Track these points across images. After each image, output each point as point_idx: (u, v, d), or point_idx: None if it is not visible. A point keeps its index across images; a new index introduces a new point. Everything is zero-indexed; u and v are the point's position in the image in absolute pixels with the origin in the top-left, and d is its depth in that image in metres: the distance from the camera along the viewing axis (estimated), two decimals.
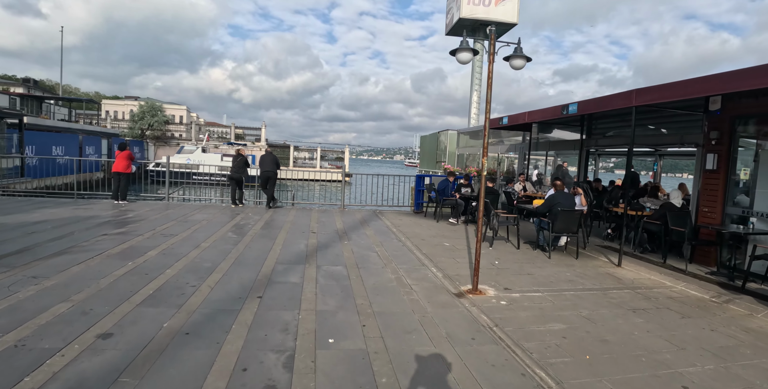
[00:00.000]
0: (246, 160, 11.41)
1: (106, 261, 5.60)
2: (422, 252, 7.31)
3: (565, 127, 12.12)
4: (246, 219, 9.44)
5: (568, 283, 6.03)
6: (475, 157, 19.46)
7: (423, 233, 9.14)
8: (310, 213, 11.10)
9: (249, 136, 59.67)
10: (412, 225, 10.09)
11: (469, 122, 24.51)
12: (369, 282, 5.39)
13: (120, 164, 10.77)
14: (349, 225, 9.54)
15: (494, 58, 5.20)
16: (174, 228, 8.02)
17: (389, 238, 8.36)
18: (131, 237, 7.00)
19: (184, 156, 41.74)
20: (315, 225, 9.24)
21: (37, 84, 56.86)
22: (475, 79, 24.19)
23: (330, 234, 8.44)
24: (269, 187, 11.30)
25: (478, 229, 5.50)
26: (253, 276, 5.27)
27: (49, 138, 30.23)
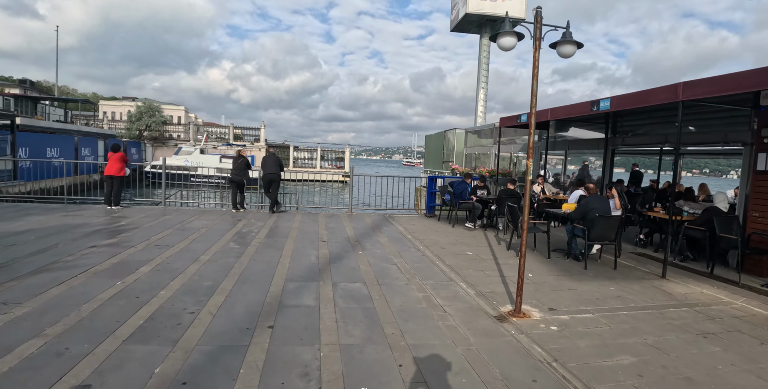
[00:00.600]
0: (247, 161, 10.69)
1: (91, 280, 4.87)
2: (445, 263, 6.60)
3: (588, 125, 11.41)
4: (249, 226, 8.71)
5: (617, 300, 5.32)
6: (484, 156, 18.76)
7: (441, 240, 8.42)
8: (316, 218, 10.37)
9: (248, 136, 58.79)
10: (427, 231, 9.37)
11: (476, 121, 23.81)
12: (395, 303, 4.67)
13: (113, 167, 10.04)
14: (360, 232, 8.82)
15: (540, 44, 4.48)
16: (170, 237, 7.28)
17: (406, 247, 7.64)
18: (122, 250, 6.27)
19: (181, 157, 40.96)
20: (324, 232, 8.52)
21: (34, 85, 56.09)
22: (481, 76, 23.49)
23: (341, 242, 7.72)
24: (272, 191, 10.58)
25: (522, 243, 4.77)
26: (261, 298, 4.54)
27: (44, 139, 29.46)
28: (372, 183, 12.22)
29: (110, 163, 10.06)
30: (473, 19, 23.11)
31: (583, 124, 11.54)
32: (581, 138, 12.00)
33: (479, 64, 23.70)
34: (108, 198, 10.12)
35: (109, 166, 10.03)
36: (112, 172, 9.99)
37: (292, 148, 54.07)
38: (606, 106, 7.82)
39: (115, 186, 10.09)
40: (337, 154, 58.78)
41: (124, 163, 10.21)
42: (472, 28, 24.33)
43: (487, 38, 23.57)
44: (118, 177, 10.06)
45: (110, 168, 10.02)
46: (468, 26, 24.16)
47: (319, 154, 55.27)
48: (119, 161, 10.10)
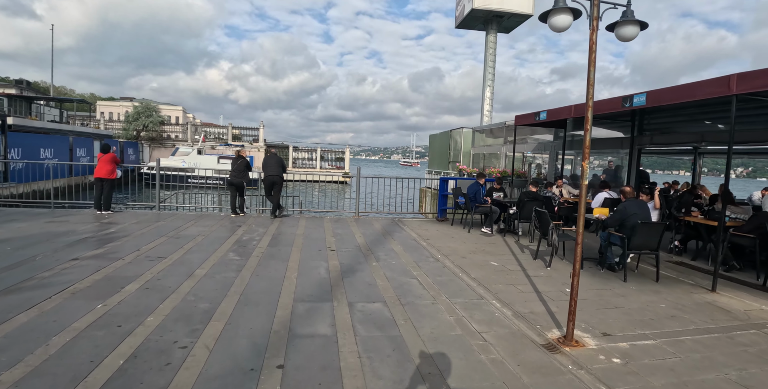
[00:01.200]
0: (247, 162, 9.98)
1: (68, 302, 4.16)
2: (471, 276, 5.90)
3: (610, 123, 10.73)
4: (249, 233, 8.01)
5: (674, 321, 4.63)
6: (493, 156, 18.06)
7: (459, 248, 7.73)
8: (321, 223, 9.67)
9: (247, 137, 57.92)
10: (442, 237, 8.68)
11: (482, 120, 23.13)
12: (424, 329, 3.97)
13: (103, 169, 9.32)
14: (370, 239, 8.13)
15: (598, 25, 3.78)
16: (163, 247, 6.57)
17: (423, 256, 6.94)
18: (108, 263, 5.56)
19: (178, 158, 40.21)
20: (331, 240, 7.82)
21: (30, 86, 55.17)
22: (487, 74, 22.81)
23: (352, 251, 7.02)
24: (274, 194, 9.86)
25: (575, 259, 4.08)
26: (267, 325, 3.84)
27: (37, 140, 28.71)
28: (376, 184, 11.52)
29: (100, 164, 9.35)
30: (479, 15, 22.43)
31: (604, 121, 10.86)
32: (602, 137, 11.32)
33: (485, 62, 23.00)
34: (98, 202, 9.40)
35: (99, 168, 9.33)
36: (102, 175, 9.28)
37: (291, 149, 53.35)
38: (641, 102, 7.13)
39: (105, 189, 9.37)
40: (337, 154, 58.06)
41: (115, 165, 9.50)
42: (477, 24, 23.63)
43: (494, 35, 22.92)
44: (108, 180, 9.35)
45: (100, 170, 9.31)
46: (474, 23, 23.47)
47: (318, 155, 54.57)
48: (110, 163, 9.39)
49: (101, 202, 9.37)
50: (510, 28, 23.89)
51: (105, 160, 9.37)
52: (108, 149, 9.59)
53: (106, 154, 9.47)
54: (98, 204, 9.40)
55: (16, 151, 25.84)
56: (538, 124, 11.27)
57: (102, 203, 9.39)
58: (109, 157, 9.42)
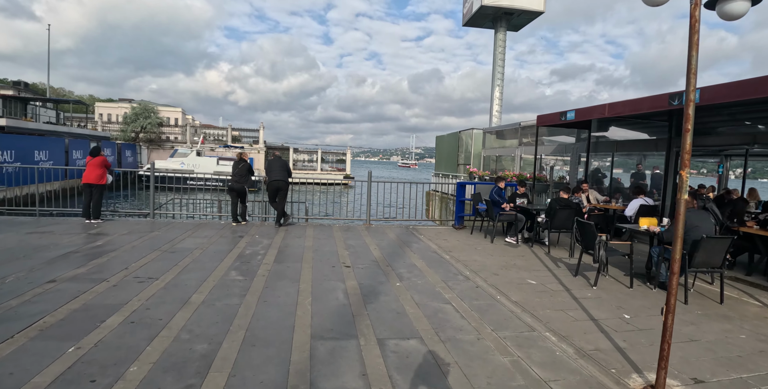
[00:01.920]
0: (250, 166, 9.18)
1: (33, 344, 3.36)
2: (511, 299, 5.10)
3: (643, 124, 9.94)
4: (253, 245, 7.20)
5: (766, 358, 3.84)
6: (506, 159, 17.28)
7: (488, 262, 6.93)
8: (331, 232, 8.87)
9: (246, 138, 57.00)
10: (465, 249, 7.90)
11: (490, 120, 22.36)
12: (479, 379, 3.17)
13: (91, 173, 8.53)
14: (387, 251, 7.33)
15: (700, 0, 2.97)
16: (155, 264, 5.76)
17: (451, 273, 6.15)
18: (90, 286, 4.75)
19: (177, 160, 39.45)
20: (345, 253, 7.02)
21: (28, 87, 54.32)
22: (497, 73, 22.04)
23: (369, 267, 6.22)
24: (279, 200, 9.06)
25: (670, 292, 3.27)
26: (282, 378, 3.03)
27: (31, 142, 27.91)
28: (381, 188, 10.69)
29: (88, 169, 8.55)
30: (488, 13, 21.67)
31: (637, 122, 10.07)
32: (633, 138, 10.53)
33: (494, 61, 22.24)
34: (86, 210, 8.60)
35: (87, 173, 8.53)
36: (91, 180, 8.49)
37: (292, 150, 52.57)
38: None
39: (94, 196, 8.57)
40: (338, 156, 57.28)
41: (105, 170, 8.69)
42: (485, 22, 22.89)
43: (503, 33, 22.17)
44: (97, 185, 8.55)
45: (88, 175, 8.51)
46: (482, 20, 22.72)
47: (319, 156, 53.78)
48: (99, 167, 8.59)
49: (90, 210, 8.56)
50: (519, 25, 23.14)
51: (94, 164, 8.57)
52: (97, 152, 8.79)
53: (95, 157, 8.68)
54: (87, 213, 8.60)
55: (9, 153, 25.03)
56: (562, 124, 10.49)
57: (91, 211, 8.59)
58: (98, 161, 8.62)
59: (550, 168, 13.76)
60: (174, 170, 38.10)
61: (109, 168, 8.77)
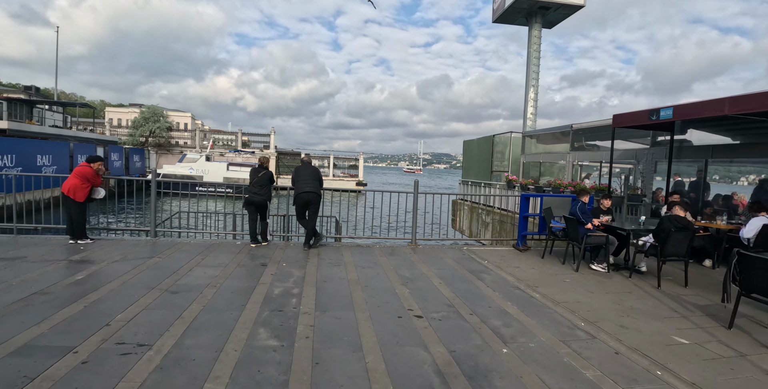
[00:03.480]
0: (272, 174, 7.46)
1: None
2: (681, 378, 3.33)
3: (743, 126, 8.13)
4: (282, 280, 5.47)
5: None
6: (553, 166, 15.51)
7: (595, 304, 5.16)
8: (373, 256, 7.13)
9: (256, 143, 55.50)
10: (550, 281, 6.14)
11: (525, 124, 20.58)
12: None
13: (67, 182, 6.81)
14: (457, 287, 5.58)
15: None
16: (150, 317, 4.03)
17: (562, 326, 4.38)
18: (46, 364, 3.04)
19: (186, 165, 38.07)
20: (404, 291, 5.27)
21: (40, 92, 53.40)
22: (531, 73, 20.29)
23: (448, 316, 4.47)
24: (310, 217, 7.34)
25: None
26: None
27: (34, 145, 26.54)
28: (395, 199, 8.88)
29: (70, 176, 6.86)
30: (522, 7, 19.97)
31: (734, 124, 8.26)
32: (737, 143, 8.72)
33: (528, 60, 20.50)
34: (70, 227, 6.93)
35: (66, 181, 6.82)
36: (67, 189, 6.74)
37: (303, 156, 51.04)
38: None
39: (72, 213, 6.86)
40: (350, 161, 55.66)
41: (86, 183, 6.90)
42: (518, 18, 21.17)
43: (538, 29, 20.45)
44: (72, 200, 6.82)
45: (66, 183, 6.81)
46: (514, 16, 21.02)
47: (331, 162, 52.21)
48: (78, 178, 6.80)
49: (72, 228, 6.90)
50: (554, 22, 21.39)
51: (77, 171, 6.85)
52: (93, 160, 7.05)
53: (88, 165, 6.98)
54: (71, 230, 6.93)
55: (9, 157, 23.64)
56: (645, 125, 8.73)
57: (74, 230, 6.92)
58: (80, 171, 6.86)
59: (625, 178, 11.90)
60: (182, 175, 36.73)
61: (96, 185, 7.00)
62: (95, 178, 6.92)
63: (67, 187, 6.71)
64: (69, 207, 6.77)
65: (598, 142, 13.59)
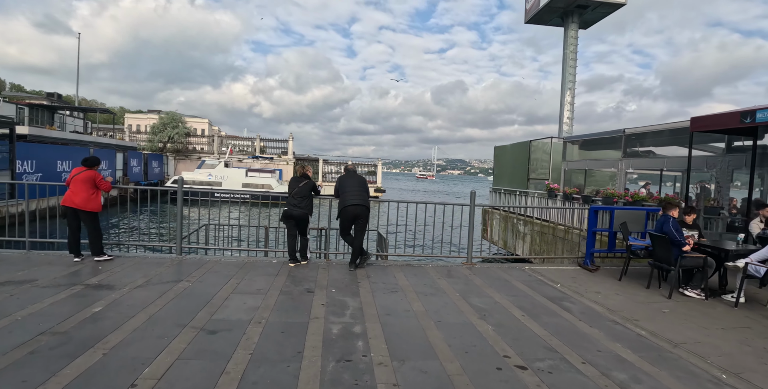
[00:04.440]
0: (314, 184, 6.57)
1: None
2: None
3: None
4: (336, 313, 4.55)
5: None
6: (596, 173, 14.44)
7: (722, 345, 4.17)
8: (430, 279, 6.19)
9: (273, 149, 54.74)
10: (647, 312, 5.16)
11: (560, 129, 19.52)
12: None
13: (76, 194, 5.91)
14: (543, 321, 4.61)
15: None
16: (187, 370, 3.14)
17: (702, 381, 3.42)
18: None
19: (204, 171, 37.62)
20: (485, 327, 4.31)
21: (61, 98, 53.85)
22: (568, 75, 19.25)
23: (555, 366, 3.50)
24: (358, 233, 6.43)
25: None
26: None
27: (54, 151, 26.21)
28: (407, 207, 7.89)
29: (72, 186, 5.96)
30: (558, 6, 18.99)
31: None
32: None
33: (564, 61, 19.47)
34: (73, 245, 6.05)
35: (71, 192, 5.92)
36: (77, 203, 5.90)
37: (321, 162, 50.38)
38: None
39: (85, 226, 6.04)
40: (367, 167, 54.78)
41: (97, 190, 6.04)
42: (553, 18, 20.19)
43: (574, 30, 19.43)
44: (86, 212, 5.98)
45: (71, 195, 5.90)
46: (549, 16, 20.03)
47: None
48: (86, 184, 5.95)
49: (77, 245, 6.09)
50: (591, 21, 20.34)
51: (80, 180, 5.95)
52: (93, 163, 6.15)
53: (88, 169, 6.11)
54: (74, 248, 6.08)
55: (29, 163, 23.29)
56: (726, 130, 7.70)
57: (90, 247, 6.11)
58: (86, 176, 5.99)
59: (700, 188, 10.78)
60: (201, 182, 36.29)
61: (107, 190, 6.14)
62: (103, 181, 6.09)
63: (79, 200, 5.87)
64: (77, 221, 5.95)
65: (652, 148, 12.51)
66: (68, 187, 6.01)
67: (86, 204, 5.89)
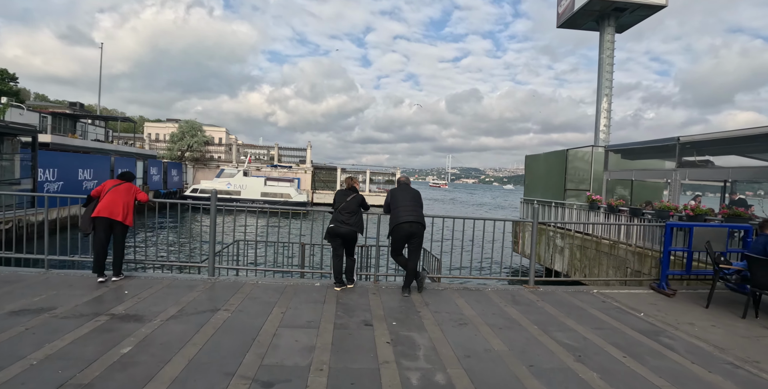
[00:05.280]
0: (363, 199, 5.86)
1: None
2: None
3: None
4: (407, 355, 3.80)
5: None
6: (643, 185, 13.54)
7: None
8: (494, 305, 5.42)
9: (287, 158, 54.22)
10: (761, 349, 4.31)
11: (597, 137, 18.61)
12: None
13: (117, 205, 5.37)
14: (651, 364, 3.80)
15: None
16: None
17: None
18: None
19: (223, 180, 37.35)
20: (590, 375, 3.53)
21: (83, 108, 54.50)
22: (604, 80, 18.40)
23: None
24: (411, 254, 5.70)
25: None
26: None
27: (76, 159, 26.04)
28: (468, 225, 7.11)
29: (111, 196, 5.41)
30: (594, 9, 18.21)
31: None
32: None
33: (600, 67, 18.64)
34: (99, 263, 5.43)
35: (110, 202, 5.36)
36: (116, 213, 5.35)
37: (339, 170, 49.87)
38: None
39: (116, 241, 5.47)
40: (386, 176, 54.15)
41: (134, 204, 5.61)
42: (587, 21, 19.40)
43: (610, 34, 18.60)
44: (123, 226, 5.46)
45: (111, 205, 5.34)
46: (584, 19, 19.26)
47: (368, 177, 50.86)
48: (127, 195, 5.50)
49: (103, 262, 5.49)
50: (627, 25, 19.51)
51: (122, 190, 5.48)
52: (131, 178, 5.75)
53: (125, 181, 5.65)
54: (101, 267, 5.47)
55: (51, 171, 23.07)
56: None
57: (113, 266, 5.52)
58: (127, 187, 5.56)
59: None
60: (220, 191, 36.01)
61: (144, 202, 5.66)
62: (141, 192, 5.62)
63: (119, 211, 5.31)
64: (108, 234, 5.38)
65: (709, 157, 11.60)
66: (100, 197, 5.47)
67: (126, 216, 5.35)
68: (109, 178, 28.55)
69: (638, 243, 10.66)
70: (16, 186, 20.07)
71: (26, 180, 20.80)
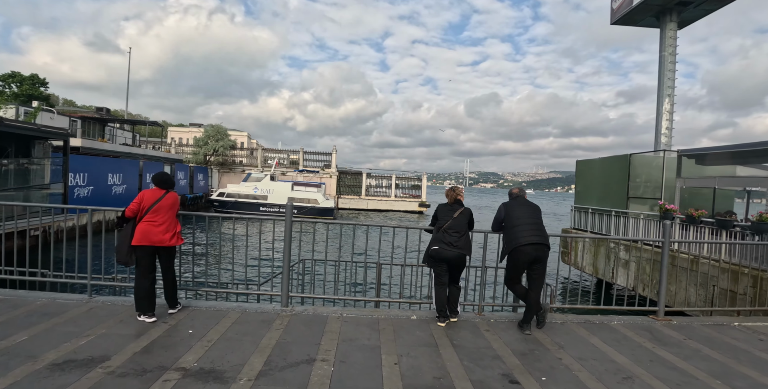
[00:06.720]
0: (471, 213, 4.80)
1: None
2: None
3: None
4: None
5: None
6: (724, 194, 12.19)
7: None
8: (643, 349, 4.29)
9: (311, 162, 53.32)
10: None
11: (657, 140, 17.23)
12: None
13: (168, 229, 4.35)
14: None
15: None
16: None
17: None
18: None
19: (250, 185, 36.70)
20: None
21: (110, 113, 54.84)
22: (666, 79, 17.04)
23: None
24: (534, 283, 4.62)
25: None
26: None
27: (105, 164, 25.62)
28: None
29: (154, 216, 4.32)
30: (656, 4, 16.91)
31: None
32: None
33: (661, 65, 17.29)
34: (147, 300, 4.33)
35: (155, 227, 4.32)
36: (165, 240, 4.32)
37: (365, 175, 48.97)
38: None
39: (167, 269, 4.46)
40: (412, 181, 52.97)
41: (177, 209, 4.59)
42: (645, 17, 18.09)
43: (672, 30, 17.26)
44: (171, 249, 4.49)
45: (158, 231, 4.29)
46: (641, 15, 17.96)
47: (393, 182, 49.81)
48: (175, 212, 4.52)
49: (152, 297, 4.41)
50: (689, 20, 18.14)
51: (168, 206, 4.42)
52: (173, 183, 4.69)
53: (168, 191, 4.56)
54: (151, 305, 4.38)
55: (81, 176, 22.62)
56: None
57: (168, 298, 4.52)
58: (174, 200, 4.50)
59: None
60: (247, 195, 35.34)
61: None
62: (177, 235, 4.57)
63: (170, 236, 4.31)
64: (154, 264, 4.39)
65: None
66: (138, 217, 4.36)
67: (174, 235, 4.34)
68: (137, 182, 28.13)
69: (725, 259, 9.35)
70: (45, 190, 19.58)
71: (56, 184, 20.30)
